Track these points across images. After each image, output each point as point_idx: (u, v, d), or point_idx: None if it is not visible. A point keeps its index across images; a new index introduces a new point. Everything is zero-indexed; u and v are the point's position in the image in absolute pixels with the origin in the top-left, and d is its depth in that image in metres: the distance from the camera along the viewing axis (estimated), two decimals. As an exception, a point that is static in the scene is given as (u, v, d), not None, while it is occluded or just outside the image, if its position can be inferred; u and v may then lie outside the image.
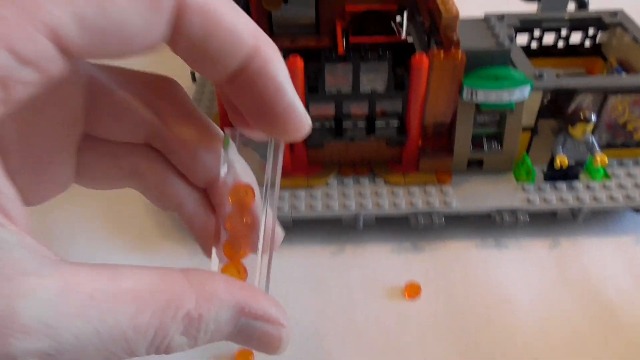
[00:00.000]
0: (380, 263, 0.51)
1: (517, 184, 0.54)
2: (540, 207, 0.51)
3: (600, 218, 0.55)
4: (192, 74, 0.74)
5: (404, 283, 0.49)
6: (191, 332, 0.20)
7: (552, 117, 0.59)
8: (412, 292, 0.49)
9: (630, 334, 0.45)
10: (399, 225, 0.53)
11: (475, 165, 0.55)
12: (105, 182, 0.26)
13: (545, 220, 0.54)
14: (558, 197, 0.52)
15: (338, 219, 0.52)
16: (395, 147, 0.55)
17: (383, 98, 0.52)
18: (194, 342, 0.20)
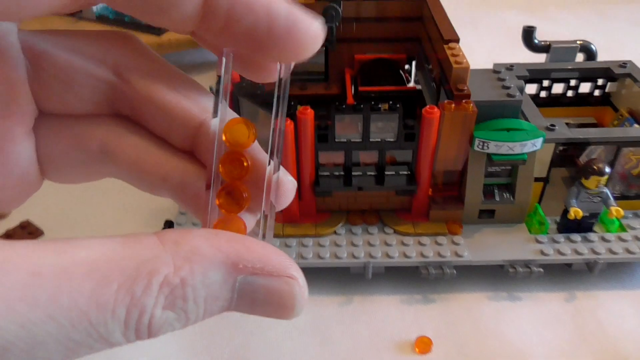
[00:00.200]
0: (390, 315, 0.50)
1: (530, 235, 0.53)
2: (555, 259, 0.50)
3: (617, 271, 0.53)
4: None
5: (415, 337, 0.48)
6: (177, 303, 0.16)
7: (563, 166, 0.59)
8: (423, 346, 0.47)
9: (653, 395, 0.43)
10: (409, 276, 0.52)
11: (487, 216, 0.54)
12: (75, 169, 0.22)
13: (560, 273, 0.52)
14: (572, 249, 0.51)
15: (346, 268, 0.51)
16: (404, 196, 0.54)
17: (393, 148, 0.51)
18: (186, 317, 0.16)
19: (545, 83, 0.63)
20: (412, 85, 0.67)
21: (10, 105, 0.20)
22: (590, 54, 0.63)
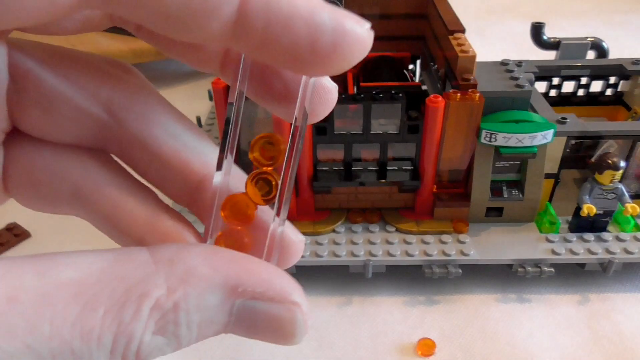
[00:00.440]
0: (391, 317, 0.47)
1: (540, 234, 0.50)
2: (567, 259, 0.47)
3: (632, 272, 0.50)
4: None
5: (417, 339, 0.45)
6: (168, 328, 0.15)
7: (575, 168, 0.56)
8: (425, 349, 0.44)
9: (675, 403, 0.40)
10: (412, 276, 0.49)
11: (495, 214, 0.51)
12: (42, 204, 0.19)
13: (572, 274, 0.50)
14: (586, 249, 0.48)
15: (345, 267, 0.48)
16: (408, 193, 0.51)
17: (395, 141, 0.49)
18: (177, 342, 0.15)
19: (555, 81, 0.61)
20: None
21: None
22: (601, 51, 0.61)
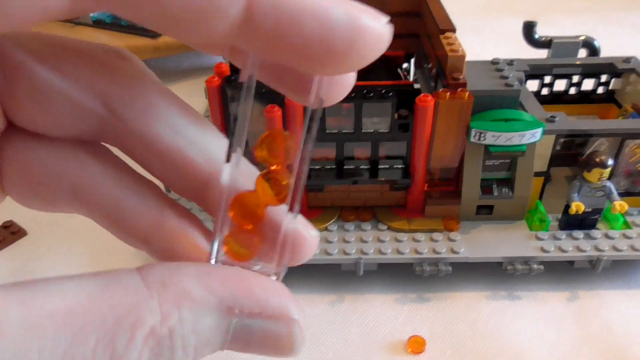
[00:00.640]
0: (382, 314, 0.48)
1: (530, 232, 0.50)
2: (556, 256, 0.48)
3: (621, 269, 0.50)
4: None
5: (407, 337, 0.45)
6: (163, 355, 0.14)
7: (566, 165, 0.57)
8: (416, 346, 0.44)
9: (661, 399, 0.40)
10: (403, 273, 0.50)
11: (485, 212, 0.52)
12: (39, 203, 0.19)
13: (562, 271, 0.50)
14: (575, 246, 0.48)
15: (337, 265, 0.49)
16: (399, 191, 0.52)
17: (386, 140, 0.49)
18: None
19: (547, 79, 0.61)
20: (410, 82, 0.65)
21: None
22: (593, 49, 0.62)
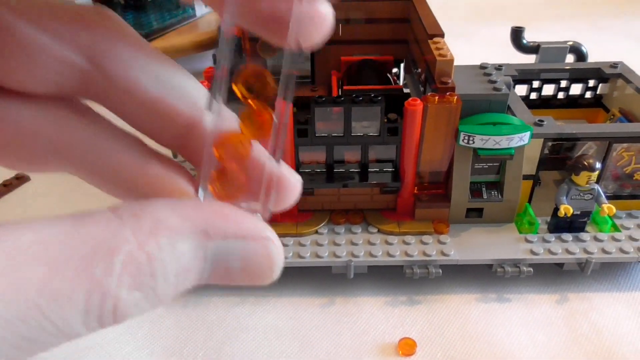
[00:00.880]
0: (373, 317, 0.48)
1: (520, 235, 0.51)
2: (545, 258, 0.48)
3: (610, 272, 0.51)
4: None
5: (398, 339, 0.45)
6: (144, 281, 0.14)
7: (555, 169, 0.57)
8: (406, 349, 0.44)
9: (650, 399, 0.41)
10: (393, 276, 0.50)
11: (475, 215, 0.52)
12: (19, 160, 0.19)
13: (551, 273, 0.50)
14: (564, 249, 0.49)
15: (328, 268, 0.49)
16: (389, 194, 0.52)
17: (376, 143, 0.50)
18: (155, 296, 0.15)
19: (536, 84, 0.62)
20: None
21: None
22: (580, 55, 0.62)
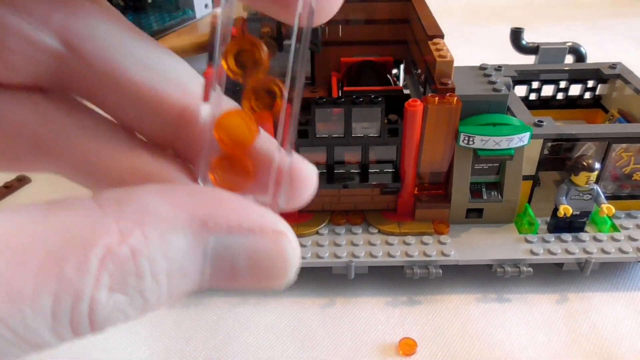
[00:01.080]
0: (374, 317, 0.48)
1: (520, 235, 0.51)
2: (545, 258, 0.48)
3: (610, 272, 0.51)
4: None
5: (399, 339, 0.45)
6: (129, 282, 0.12)
7: (554, 169, 0.58)
8: (407, 349, 0.45)
9: (649, 399, 0.41)
10: (394, 276, 0.50)
11: (475, 215, 0.52)
12: (3, 149, 0.16)
13: (551, 273, 0.50)
14: (563, 249, 0.49)
15: (328, 268, 0.49)
16: (389, 195, 0.52)
17: (376, 144, 0.50)
18: (143, 300, 0.12)
19: (535, 85, 0.62)
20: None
21: None
22: (579, 55, 0.63)
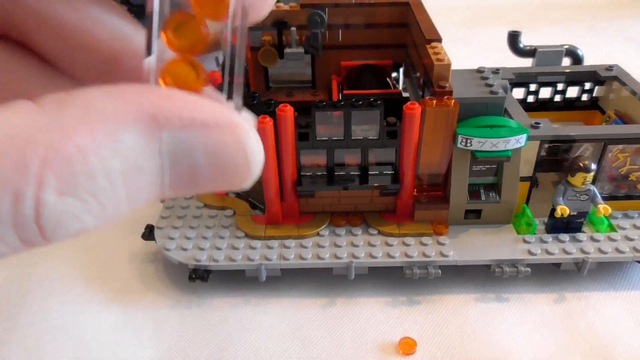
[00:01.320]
0: (373, 317, 0.48)
1: (518, 236, 0.51)
2: (542, 259, 0.49)
3: (607, 271, 0.52)
4: None
5: (398, 339, 0.46)
6: (79, 184, 0.11)
7: (552, 170, 0.58)
8: (406, 348, 0.45)
9: (645, 396, 0.41)
10: (394, 277, 0.51)
11: (473, 216, 0.53)
12: None
13: (549, 273, 0.51)
14: (561, 249, 0.49)
15: (329, 269, 0.50)
16: (389, 196, 0.53)
17: (375, 146, 0.51)
18: (99, 205, 0.12)
19: (533, 87, 0.63)
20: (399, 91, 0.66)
21: None
22: (576, 58, 0.63)
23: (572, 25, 1.11)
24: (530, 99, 0.64)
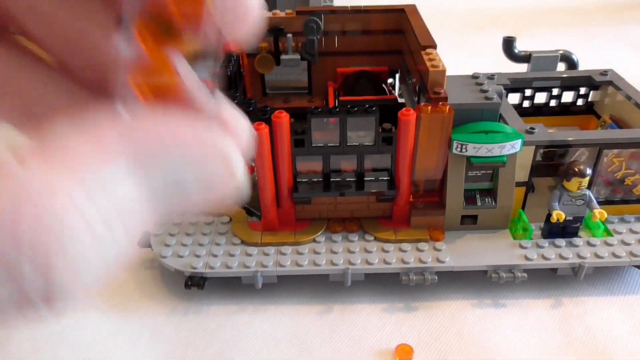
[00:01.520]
0: (370, 323, 0.48)
1: (514, 241, 0.51)
2: (539, 264, 0.49)
3: (603, 276, 0.52)
4: None
5: (395, 345, 0.46)
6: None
7: (548, 175, 0.58)
8: (403, 355, 0.45)
9: (643, 401, 0.41)
10: (390, 283, 0.51)
11: (470, 222, 0.53)
12: None
13: (545, 278, 0.51)
14: (557, 254, 0.49)
15: (325, 276, 0.50)
16: (385, 202, 0.53)
17: (371, 153, 0.51)
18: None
19: (528, 92, 0.63)
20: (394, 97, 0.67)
21: None
22: (571, 63, 0.63)
23: (566, 31, 1.12)
24: (526, 104, 0.64)
